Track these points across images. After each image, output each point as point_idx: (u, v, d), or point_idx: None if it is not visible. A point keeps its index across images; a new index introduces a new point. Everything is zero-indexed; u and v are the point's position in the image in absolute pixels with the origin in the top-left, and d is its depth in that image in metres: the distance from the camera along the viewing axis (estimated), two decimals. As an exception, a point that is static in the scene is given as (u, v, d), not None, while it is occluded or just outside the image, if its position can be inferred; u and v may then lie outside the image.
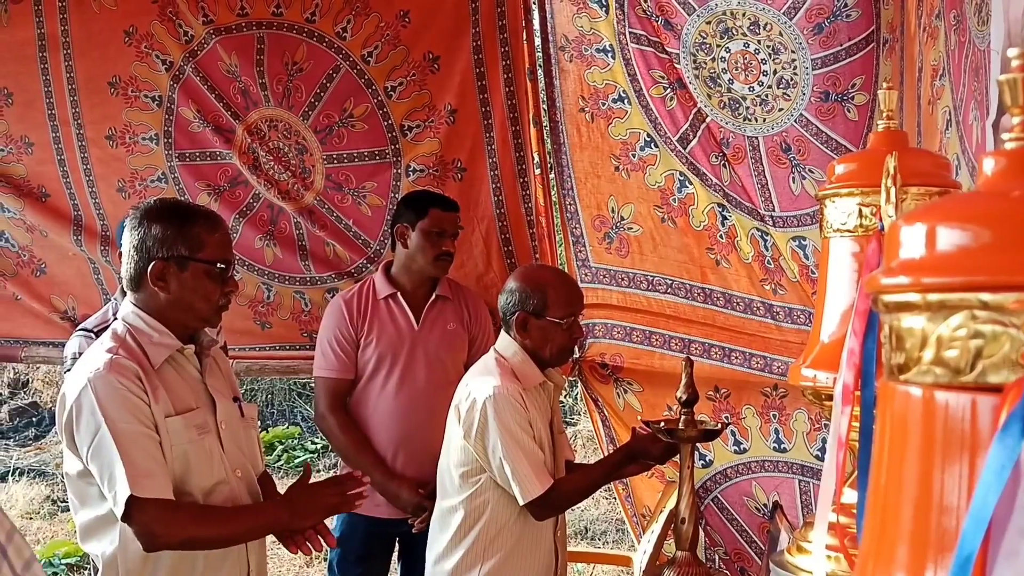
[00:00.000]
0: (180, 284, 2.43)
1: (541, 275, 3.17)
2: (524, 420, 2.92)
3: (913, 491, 0.69)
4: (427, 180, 4.10)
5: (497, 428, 2.88)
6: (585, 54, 3.82)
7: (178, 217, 2.46)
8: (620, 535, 6.90)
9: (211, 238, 2.45)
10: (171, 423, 2.38)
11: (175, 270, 2.42)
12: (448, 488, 3.07)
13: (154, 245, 2.42)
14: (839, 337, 1.50)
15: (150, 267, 2.42)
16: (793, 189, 3.52)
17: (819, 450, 3.71)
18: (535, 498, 2.89)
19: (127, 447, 2.28)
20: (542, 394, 3.09)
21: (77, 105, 4.25)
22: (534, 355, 3.04)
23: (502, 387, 2.92)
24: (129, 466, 2.26)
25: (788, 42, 3.38)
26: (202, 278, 2.44)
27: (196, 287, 2.44)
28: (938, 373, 0.68)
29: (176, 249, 2.42)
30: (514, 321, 3.02)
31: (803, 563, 1.59)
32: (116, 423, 2.29)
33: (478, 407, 2.93)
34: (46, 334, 4.58)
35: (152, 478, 2.29)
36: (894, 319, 0.71)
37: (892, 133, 1.55)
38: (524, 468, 2.88)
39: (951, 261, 0.68)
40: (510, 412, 2.90)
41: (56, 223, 4.40)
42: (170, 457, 2.37)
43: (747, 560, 3.94)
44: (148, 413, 2.33)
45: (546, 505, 2.94)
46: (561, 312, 3.01)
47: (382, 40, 4.03)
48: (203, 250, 2.43)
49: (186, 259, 2.42)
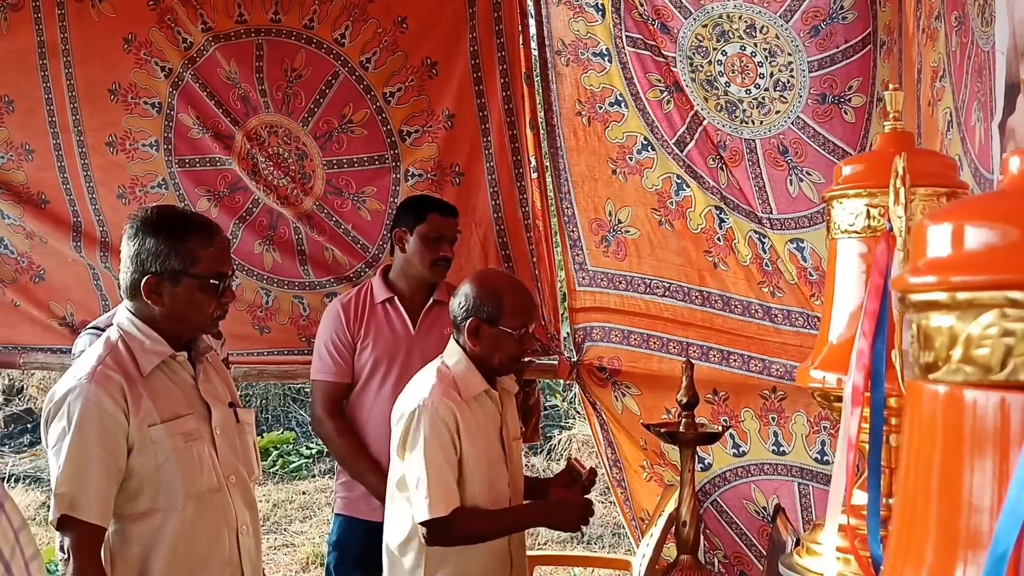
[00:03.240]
0: (173, 298, 2.45)
1: (497, 282, 3.10)
2: (448, 439, 2.85)
3: (942, 490, 0.70)
4: (426, 185, 4.11)
5: (418, 441, 2.83)
6: (581, 58, 3.83)
7: (173, 230, 2.45)
8: (616, 539, 6.89)
9: (206, 252, 2.45)
10: (154, 432, 2.40)
11: (169, 284, 2.43)
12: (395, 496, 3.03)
13: (148, 258, 2.42)
14: (847, 338, 1.50)
15: (144, 281, 2.43)
16: (791, 191, 3.53)
17: (818, 453, 3.72)
18: (432, 519, 2.80)
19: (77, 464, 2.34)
20: (489, 402, 3.03)
21: (77, 112, 4.26)
22: (481, 362, 2.98)
23: (430, 401, 2.86)
24: (70, 484, 2.33)
25: (785, 44, 3.39)
26: (196, 292, 2.45)
27: (190, 300, 2.45)
28: (968, 372, 0.68)
29: (170, 263, 2.42)
30: (466, 327, 2.95)
31: (812, 565, 1.59)
32: (78, 439, 2.34)
33: (405, 419, 2.89)
34: (45, 340, 4.58)
35: (86, 500, 2.34)
36: (922, 318, 0.72)
37: (899, 134, 1.56)
38: (431, 486, 2.81)
39: (979, 260, 0.68)
40: (432, 428, 2.83)
41: (55, 229, 4.40)
42: (153, 465, 2.40)
43: (747, 564, 3.94)
44: (118, 433, 2.37)
45: (442, 529, 2.82)
46: (515, 322, 2.95)
47: (380, 46, 4.04)
48: (197, 265, 2.44)
49: (180, 274, 2.43)
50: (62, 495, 2.33)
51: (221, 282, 2.48)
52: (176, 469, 2.42)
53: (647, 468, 4.08)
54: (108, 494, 2.37)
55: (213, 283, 2.45)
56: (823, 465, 3.69)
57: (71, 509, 2.32)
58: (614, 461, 4.18)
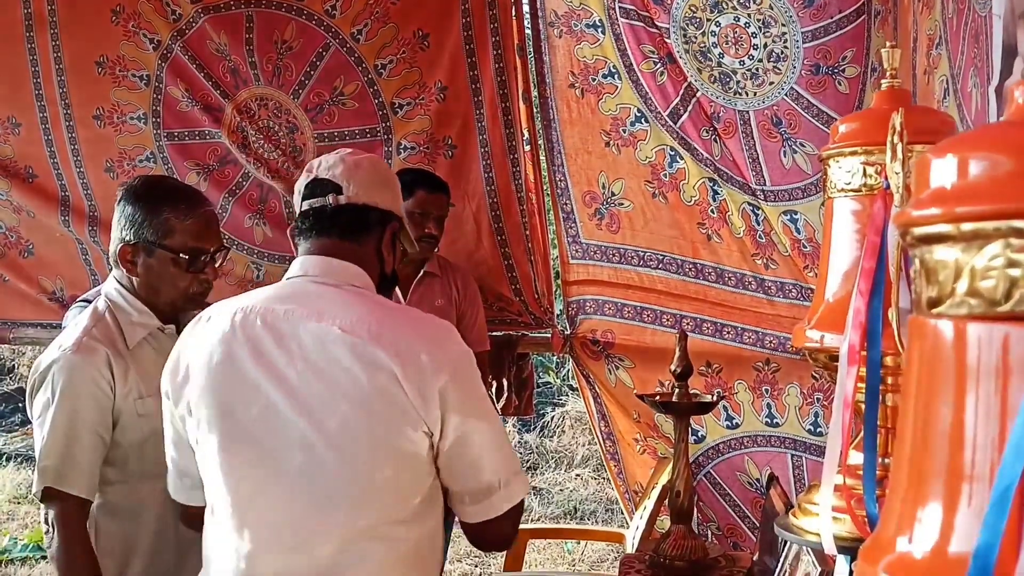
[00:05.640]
0: (147, 269, 2.41)
1: None
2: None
3: (947, 425, 0.69)
4: (418, 158, 4.08)
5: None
6: (575, 29, 3.81)
7: (151, 200, 2.41)
8: (609, 515, 6.91)
9: (180, 225, 2.39)
10: (140, 405, 2.38)
11: (143, 255, 2.40)
12: None
13: (126, 226, 2.40)
14: (844, 297, 1.49)
15: (119, 249, 2.41)
16: (784, 163, 3.53)
17: (811, 424, 3.72)
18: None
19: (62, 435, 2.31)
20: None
21: (64, 85, 4.23)
22: None
23: None
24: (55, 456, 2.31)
25: (778, 15, 3.38)
26: (168, 265, 2.40)
27: (162, 273, 2.41)
28: (973, 304, 0.67)
29: (143, 233, 2.38)
30: None
31: (808, 525, 1.59)
32: (63, 410, 2.31)
33: None
34: (34, 315, 4.56)
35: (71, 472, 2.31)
36: (925, 252, 0.70)
37: (895, 91, 1.54)
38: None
39: (984, 189, 0.67)
40: None
41: (43, 204, 4.38)
42: (139, 438, 2.38)
43: (740, 535, 3.95)
44: (104, 404, 2.35)
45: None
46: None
47: (371, 18, 4.00)
48: (170, 237, 2.39)
49: (153, 245, 2.39)
50: (46, 467, 2.31)
51: (195, 257, 2.42)
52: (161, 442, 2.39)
53: (640, 441, 4.08)
54: (93, 466, 2.35)
55: (184, 258, 2.39)
56: (816, 436, 3.70)
57: (56, 482, 2.30)
58: (607, 434, 4.19)
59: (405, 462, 1.83)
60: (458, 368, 1.86)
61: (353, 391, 1.78)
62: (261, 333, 1.86)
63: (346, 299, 1.89)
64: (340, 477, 1.80)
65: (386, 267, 2.08)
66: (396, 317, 1.91)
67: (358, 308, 1.86)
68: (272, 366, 1.83)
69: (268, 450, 1.83)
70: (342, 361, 1.79)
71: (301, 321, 1.84)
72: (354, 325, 1.81)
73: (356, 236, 2.02)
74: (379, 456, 1.82)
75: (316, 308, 1.86)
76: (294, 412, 1.80)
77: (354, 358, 1.78)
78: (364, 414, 1.79)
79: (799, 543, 1.81)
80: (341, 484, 1.81)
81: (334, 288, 1.93)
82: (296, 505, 1.82)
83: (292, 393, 1.81)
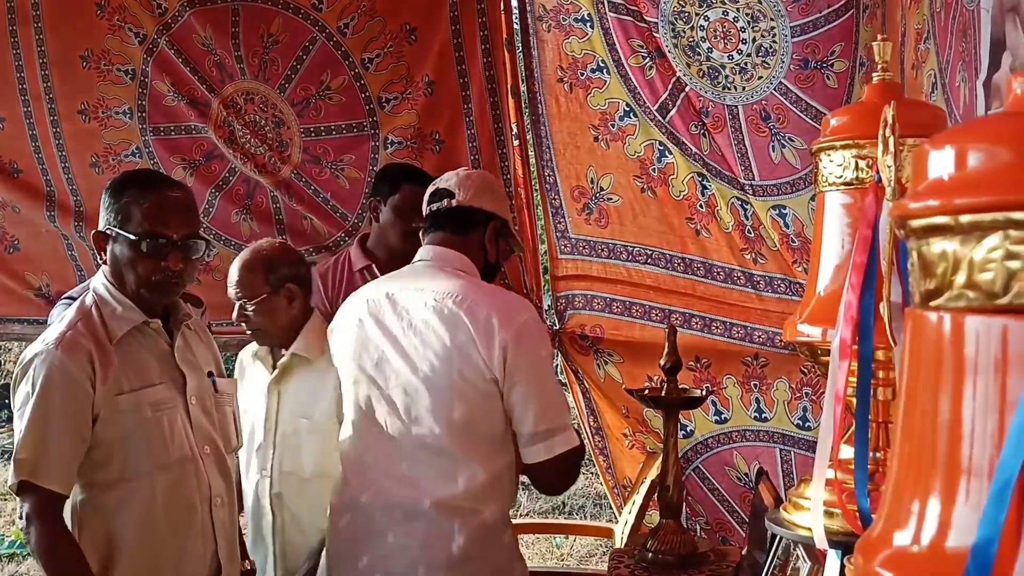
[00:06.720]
0: (112, 256, 2.38)
1: None
2: None
3: (944, 419, 0.68)
4: (405, 152, 4.06)
5: None
6: (563, 24, 3.80)
7: (119, 186, 2.39)
8: (598, 510, 6.91)
9: (140, 209, 2.33)
10: (121, 401, 2.34)
11: (111, 241, 2.37)
12: None
13: (100, 215, 2.39)
14: (835, 292, 1.48)
15: (93, 237, 2.40)
16: (773, 158, 3.52)
17: (800, 419, 3.72)
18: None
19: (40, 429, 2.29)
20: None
21: (49, 79, 4.19)
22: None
23: None
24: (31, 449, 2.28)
25: (767, 10, 3.38)
26: (127, 251, 2.35)
27: (124, 259, 2.36)
28: (971, 297, 0.66)
29: (108, 219, 2.36)
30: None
31: (799, 519, 1.58)
32: (41, 404, 2.28)
33: None
34: (20, 311, 4.51)
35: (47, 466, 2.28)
36: (923, 244, 0.70)
37: (887, 84, 1.54)
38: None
39: (982, 180, 0.66)
40: None
41: (29, 199, 4.34)
42: (121, 435, 2.35)
43: (728, 529, 3.95)
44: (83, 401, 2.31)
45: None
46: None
47: (358, 11, 3.98)
48: (129, 222, 2.33)
49: (115, 229, 2.35)
50: (22, 460, 2.28)
51: (154, 241, 2.33)
52: (144, 439, 2.36)
53: (629, 436, 4.07)
54: (70, 461, 2.31)
55: (142, 242, 2.32)
56: (805, 431, 3.70)
57: (31, 475, 2.27)
58: (596, 429, 4.18)
59: (478, 403, 2.40)
60: (521, 332, 2.39)
61: (438, 345, 2.40)
62: (384, 303, 2.53)
63: (446, 276, 2.49)
64: (430, 412, 2.41)
65: (489, 256, 2.63)
66: (479, 290, 2.47)
67: (452, 284, 2.45)
68: (387, 328, 2.50)
69: (382, 390, 2.49)
70: (432, 322, 2.41)
71: (410, 293, 2.49)
72: (444, 295, 2.41)
73: (464, 232, 2.59)
74: (456, 396, 2.39)
75: (422, 283, 2.49)
76: (398, 361, 2.46)
77: (440, 320, 2.40)
78: (446, 363, 2.39)
79: (790, 538, 1.80)
80: (429, 418, 2.42)
81: (439, 270, 2.53)
82: (399, 437, 2.48)
83: (398, 346, 2.47)
